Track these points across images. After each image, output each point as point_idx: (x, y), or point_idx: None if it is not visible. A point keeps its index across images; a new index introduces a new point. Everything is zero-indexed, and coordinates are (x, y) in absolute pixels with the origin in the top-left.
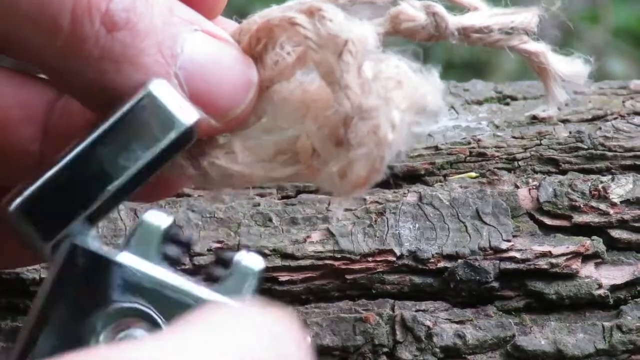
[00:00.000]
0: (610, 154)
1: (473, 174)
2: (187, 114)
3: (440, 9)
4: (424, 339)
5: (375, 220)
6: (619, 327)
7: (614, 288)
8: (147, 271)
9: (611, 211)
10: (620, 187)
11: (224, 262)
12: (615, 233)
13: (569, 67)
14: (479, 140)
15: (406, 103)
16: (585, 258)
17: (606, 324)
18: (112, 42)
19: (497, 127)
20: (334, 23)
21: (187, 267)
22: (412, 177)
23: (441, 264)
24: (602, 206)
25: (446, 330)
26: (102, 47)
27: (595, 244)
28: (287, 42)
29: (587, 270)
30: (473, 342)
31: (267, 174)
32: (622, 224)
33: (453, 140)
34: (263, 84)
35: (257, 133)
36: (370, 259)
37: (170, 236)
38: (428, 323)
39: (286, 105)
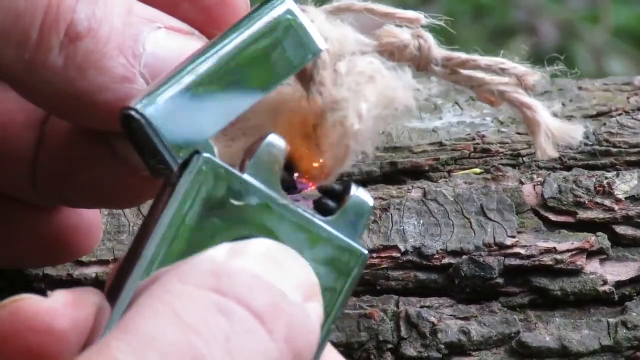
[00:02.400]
0: (614, 150)
1: (477, 170)
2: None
3: (428, 35)
4: (428, 335)
5: (380, 216)
6: (624, 324)
7: (619, 284)
8: (272, 194)
9: (616, 207)
10: (625, 183)
11: (333, 194)
12: (620, 229)
13: (563, 127)
14: (483, 136)
15: (376, 97)
16: (590, 254)
17: (611, 320)
18: (75, 50)
19: (501, 123)
20: (315, 23)
21: None
22: (416, 173)
23: (446, 260)
24: (607, 202)
25: (451, 326)
26: (66, 56)
27: (600, 240)
28: None
29: (592, 267)
30: (478, 338)
31: (227, 149)
32: (627, 220)
33: (457, 136)
34: None
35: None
36: (374, 255)
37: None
38: (432, 319)
39: (260, 105)
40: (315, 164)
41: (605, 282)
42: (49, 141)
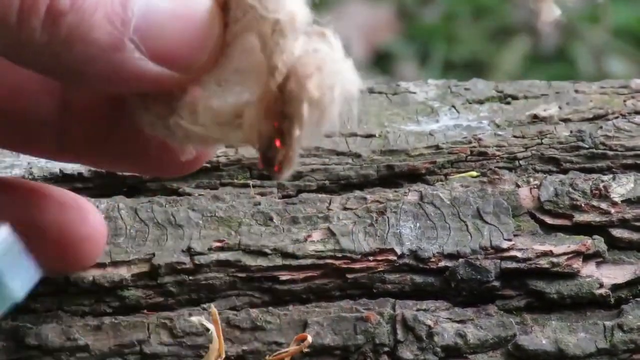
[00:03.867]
0: (611, 153)
1: (474, 173)
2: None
3: None
4: (425, 339)
5: (376, 220)
6: (620, 327)
7: (615, 287)
8: None
9: (612, 210)
10: (622, 186)
11: None
12: (617, 232)
13: None
14: (479, 139)
15: (319, 91)
16: (587, 257)
17: (607, 323)
18: (58, 27)
19: (498, 126)
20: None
21: (187, 266)
22: (412, 176)
23: (442, 263)
24: (603, 205)
25: (447, 329)
26: (50, 33)
27: (597, 243)
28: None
29: (588, 270)
30: (474, 341)
31: (223, 136)
32: (623, 223)
33: (454, 139)
34: (229, 35)
35: (220, 91)
36: (371, 258)
37: None
38: (429, 322)
39: (244, 63)
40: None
41: (601, 285)
42: (74, 110)
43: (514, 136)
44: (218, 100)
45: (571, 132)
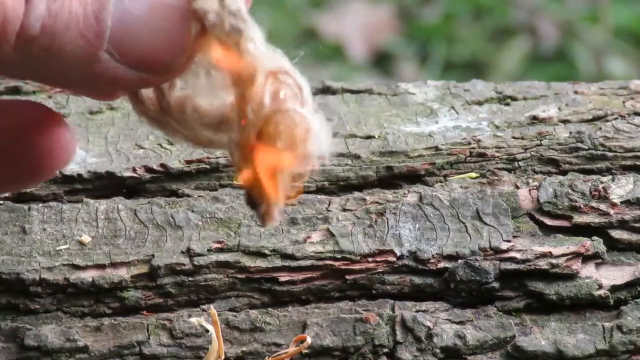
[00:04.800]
0: (610, 154)
1: (473, 175)
2: None
3: None
4: (424, 340)
5: (376, 221)
6: (619, 328)
7: (614, 288)
8: None
9: (611, 211)
10: (621, 188)
11: None
12: (616, 233)
13: None
14: (479, 140)
15: (289, 159)
16: (586, 258)
17: (606, 324)
18: (30, 49)
19: (497, 127)
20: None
21: (187, 267)
22: (412, 177)
23: (441, 265)
24: (603, 206)
25: (446, 330)
26: (23, 55)
27: (596, 244)
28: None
29: (588, 271)
30: (473, 342)
31: (211, 138)
32: (623, 225)
33: (453, 140)
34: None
35: (205, 91)
36: (370, 259)
37: None
38: (428, 323)
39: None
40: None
41: (600, 287)
42: None
43: (513, 137)
44: (204, 102)
45: (570, 133)
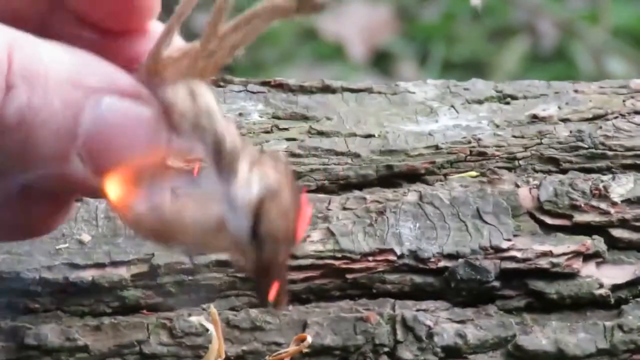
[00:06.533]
0: (610, 153)
1: (473, 173)
2: None
3: None
4: (424, 339)
5: (376, 220)
6: (620, 327)
7: (615, 287)
8: None
9: (612, 210)
10: (621, 187)
11: None
12: (616, 232)
13: None
14: (479, 139)
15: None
16: (586, 257)
17: (607, 323)
18: (4, 140)
19: (497, 126)
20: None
21: (187, 266)
22: (412, 176)
23: (442, 264)
24: (603, 205)
25: (447, 329)
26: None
27: (596, 243)
28: None
29: (588, 270)
30: (474, 341)
31: (209, 243)
32: (623, 223)
33: (453, 139)
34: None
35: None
36: (370, 258)
37: None
38: (429, 323)
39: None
40: None
41: (601, 286)
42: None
43: (514, 136)
44: (199, 212)
45: (570, 132)
